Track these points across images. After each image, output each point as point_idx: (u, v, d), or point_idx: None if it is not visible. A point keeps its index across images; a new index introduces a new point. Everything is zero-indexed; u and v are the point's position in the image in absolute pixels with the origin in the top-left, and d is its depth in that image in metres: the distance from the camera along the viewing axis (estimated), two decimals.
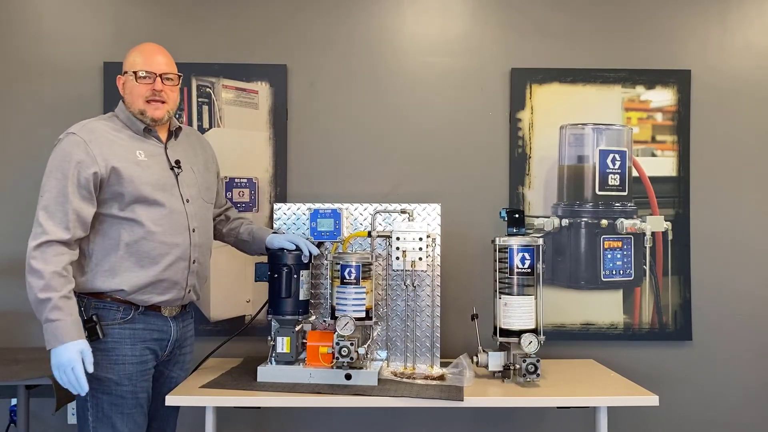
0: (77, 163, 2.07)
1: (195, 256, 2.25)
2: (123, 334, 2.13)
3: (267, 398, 2.20)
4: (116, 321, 2.12)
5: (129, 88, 2.22)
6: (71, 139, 2.11)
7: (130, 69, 2.22)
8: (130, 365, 2.14)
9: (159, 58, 2.23)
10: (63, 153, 2.09)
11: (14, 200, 2.91)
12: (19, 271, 2.91)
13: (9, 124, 2.92)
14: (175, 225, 2.19)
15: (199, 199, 2.31)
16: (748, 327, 2.98)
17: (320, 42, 2.96)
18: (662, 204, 2.96)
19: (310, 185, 2.94)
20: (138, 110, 2.21)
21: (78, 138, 2.11)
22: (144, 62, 2.21)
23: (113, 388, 2.11)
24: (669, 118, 2.98)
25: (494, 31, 2.99)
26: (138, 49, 2.26)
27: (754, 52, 3.01)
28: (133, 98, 2.21)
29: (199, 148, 2.42)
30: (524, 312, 2.41)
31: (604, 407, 2.27)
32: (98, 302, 2.11)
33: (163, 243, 2.16)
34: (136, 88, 2.20)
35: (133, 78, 2.20)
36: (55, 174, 2.08)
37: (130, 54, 2.25)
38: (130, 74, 2.21)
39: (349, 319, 2.24)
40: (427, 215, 2.58)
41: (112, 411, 2.11)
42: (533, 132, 2.96)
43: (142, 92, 2.20)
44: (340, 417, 2.94)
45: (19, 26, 2.92)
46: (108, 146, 2.13)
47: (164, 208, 2.17)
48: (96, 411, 2.11)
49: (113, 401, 2.11)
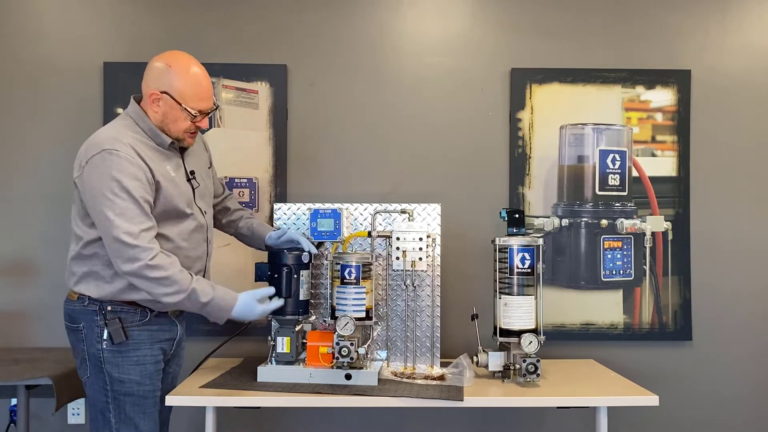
0: (136, 178, 2.02)
1: (208, 265, 2.30)
2: (142, 336, 2.14)
3: (267, 398, 2.20)
4: (135, 323, 2.13)
5: (173, 117, 2.12)
6: (119, 155, 2.01)
7: (185, 104, 2.10)
8: (150, 365, 2.15)
9: (211, 90, 2.17)
10: (119, 169, 2.00)
11: (14, 200, 2.90)
12: (19, 271, 2.93)
13: (9, 124, 2.92)
14: (198, 239, 2.22)
15: (210, 207, 2.34)
16: (748, 327, 2.99)
17: (320, 42, 2.97)
18: (662, 204, 2.96)
19: (310, 185, 2.94)
20: (175, 137, 2.16)
21: (125, 154, 2.02)
22: (200, 101, 2.13)
23: (135, 388, 2.12)
24: (669, 118, 2.98)
25: (494, 31, 2.99)
26: (192, 79, 2.12)
27: (754, 52, 3.01)
28: (176, 128, 2.14)
29: (202, 151, 2.41)
30: (524, 312, 2.41)
31: (604, 407, 2.27)
32: (116, 306, 2.11)
33: (188, 257, 2.17)
34: (184, 123, 2.13)
35: (187, 116, 2.12)
36: (119, 194, 1.98)
37: (180, 78, 2.10)
38: (184, 109, 2.11)
39: (349, 319, 2.24)
40: (427, 215, 2.58)
41: (135, 411, 2.12)
42: (533, 132, 2.96)
43: (188, 127, 2.15)
44: (340, 417, 2.94)
45: (19, 26, 2.92)
46: (150, 161, 2.09)
47: (190, 223, 2.18)
48: (118, 412, 2.11)
49: (136, 401, 2.12)
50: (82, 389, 2.22)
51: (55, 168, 2.90)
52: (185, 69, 2.13)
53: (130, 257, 1.98)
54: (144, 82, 2.16)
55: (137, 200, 2.00)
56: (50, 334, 2.87)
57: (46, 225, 2.89)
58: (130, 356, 2.12)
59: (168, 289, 2.00)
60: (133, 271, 1.98)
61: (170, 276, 2.00)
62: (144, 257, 1.97)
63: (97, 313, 2.10)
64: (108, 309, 2.10)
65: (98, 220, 2.01)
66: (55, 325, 2.84)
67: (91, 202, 2.02)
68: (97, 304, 2.10)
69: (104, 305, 2.10)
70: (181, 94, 2.11)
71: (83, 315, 2.12)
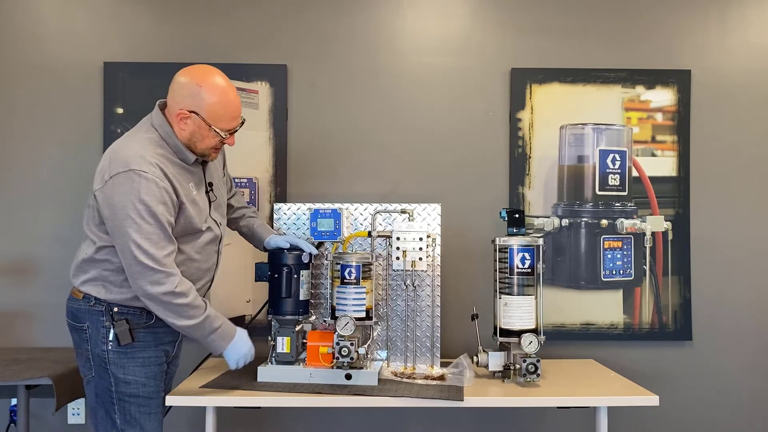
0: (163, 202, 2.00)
1: (215, 275, 2.30)
2: (147, 338, 2.14)
3: (267, 398, 2.20)
4: (140, 325, 2.13)
5: (201, 136, 2.08)
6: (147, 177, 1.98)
7: (215, 125, 2.07)
8: (155, 366, 2.16)
9: (240, 108, 2.13)
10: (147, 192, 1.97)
11: (14, 200, 2.90)
12: (19, 271, 2.93)
13: (9, 124, 2.92)
14: (210, 251, 2.22)
15: (224, 217, 2.33)
16: (748, 327, 2.99)
17: (320, 42, 2.97)
18: (662, 204, 2.96)
19: (310, 185, 2.94)
20: (200, 153, 2.14)
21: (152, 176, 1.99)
22: (230, 121, 2.10)
23: (141, 390, 2.12)
24: (669, 118, 2.98)
25: (494, 31, 2.99)
26: (223, 99, 2.07)
27: (754, 52, 3.01)
28: (203, 146, 2.11)
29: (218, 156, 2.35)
30: (524, 312, 2.41)
31: (604, 407, 2.27)
32: (123, 307, 2.11)
33: (199, 269, 2.18)
34: (209, 140, 2.10)
35: (212, 133, 2.08)
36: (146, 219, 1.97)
37: (212, 99, 2.05)
38: (211, 130, 2.07)
39: (349, 319, 2.24)
40: (427, 215, 2.58)
41: (140, 412, 2.12)
42: (533, 132, 2.96)
43: (215, 144, 2.13)
44: (340, 417, 2.94)
45: (19, 26, 2.92)
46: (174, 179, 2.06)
47: (206, 236, 2.18)
48: (123, 414, 2.11)
49: (141, 403, 2.12)
50: (83, 389, 2.22)
51: (55, 168, 2.90)
52: (216, 90, 2.07)
53: (153, 281, 1.99)
54: (170, 97, 2.09)
55: (163, 225, 2.00)
56: (50, 334, 2.87)
57: (46, 225, 2.90)
58: (135, 358, 2.12)
59: (186, 315, 2.04)
60: (156, 294, 2.00)
61: (190, 303, 2.04)
62: (168, 283, 1.99)
63: (103, 314, 2.09)
64: (115, 310, 2.10)
65: (120, 239, 1.99)
66: (55, 325, 2.85)
67: (113, 219, 1.99)
68: (103, 304, 2.10)
69: (111, 306, 2.10)
70: (211, 116, 2.06)
71: (88, 315, 2.12)
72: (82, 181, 2.72)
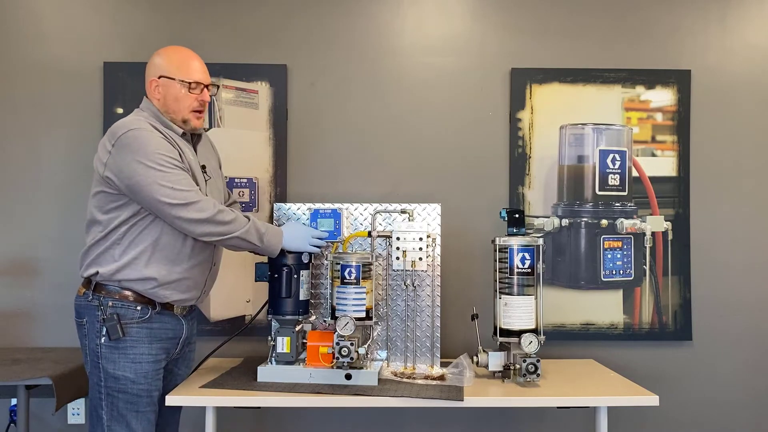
0: (171, 152, 2.09)
1: (216, 259, 2.31)
2: (141, 333, 2.13)
3: (267, 398, 2.20)
4: (134, 320, 2.13)
5: (173, 95, 2.18)
6: (151, 131, 2.09)
7: (176, 76, 2.18)
8: (147, 364, 2.14)
9: (203, 68, 2.23)
10: (156, 143, 2.07)
11: (15, 199, 2.90)
12: (19, 271, 2.93)
13: (9, 124, 2.92)
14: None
15: (222, 203, 2.34)
16: (748, 327, 2.99)
17: (320, 42, 2.97)
18: (662, 204, 2.96)
19: (310, 185, 2.94)
20: (181, 119, 2.20)
21: (152, 130, 2.11)
22: (193, 72, 2.20)
23: (129, 386, 2.11)
24: (669, 118, 2.98)
25: (494, 31, 2.99)
26: (178, 55, 2.22)
27: (754, 52, 3.01)
28: (179, 107, 2.19)
29: (213, 151, 2.44)
30: (524, 312, 2.41)
31: (604, 407, 2.27)
32: (116, 302, 2.11)
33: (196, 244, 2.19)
34: (184, 99, 2.19)
35: (183, 87, 2.18)
36: (165, 165, 2.05)
37: (168, 57, 2.20)
38: (178, 82, 2.17)
39: (349, 319, 2.24)
40: (427, 215, 2.58)
41: (128, 410, 2.12)
42: (533, 132, 2.96)
43: (191, 103, 2.20)
44: (340, 417, 2.94)
45: (19, 26, 2.93)
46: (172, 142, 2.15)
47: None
48: (111, 410, 2.11)
49: (129, 399, 2.12)
50: (83, 389, 2.22)
51: (55, 168, 2.90)
52: (171, 49, 2.23)
53: (199, 208, 2.06)
54: (145, 84, 2.23)
55: (178, 165, 2.08)
56: (50, 334, 2.87)
57: (47, 225, 2.90)
58: (126, 353, 2.11)
59: (237, 225, 2.12)
60: (208, 217, 2.06)
61: (236, 215, 2.14)
62: (211, 205, 2.08)
63: (98, 308, 2.10)
64: (108, 304, 2.10)
65: (147, 194, 2.04)
66: (55, 325, 2.85)
67: (130, 177, 2.04)
68: (98, 299, 2.11)
69: (105, 300, 2.10)
70: (171, 69, 2.18)
71: (86, 310, 2.13)
72: (82, 180, 2.72)
